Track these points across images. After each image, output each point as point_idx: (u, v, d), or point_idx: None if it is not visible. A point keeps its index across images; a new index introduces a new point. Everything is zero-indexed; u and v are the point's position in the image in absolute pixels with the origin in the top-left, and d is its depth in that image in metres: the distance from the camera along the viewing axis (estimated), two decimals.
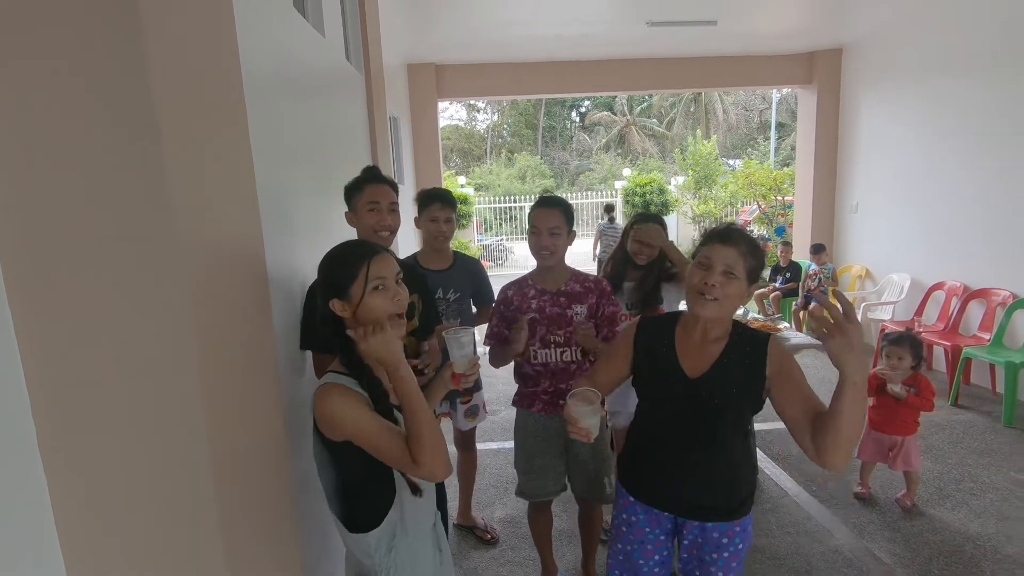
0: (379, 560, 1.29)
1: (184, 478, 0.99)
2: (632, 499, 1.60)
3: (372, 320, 1.24)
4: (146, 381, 0.95)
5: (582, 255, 12.04)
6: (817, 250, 6.24)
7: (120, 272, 0.91)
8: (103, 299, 0.91)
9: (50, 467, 0.87)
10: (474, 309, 2.70)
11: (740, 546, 1.52)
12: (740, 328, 1.50)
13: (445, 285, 2.52)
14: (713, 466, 1.48)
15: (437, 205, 2.45)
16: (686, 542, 1.56)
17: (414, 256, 2.59)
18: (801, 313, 6.17)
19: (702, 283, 1.39)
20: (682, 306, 2.27)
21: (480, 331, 2.20)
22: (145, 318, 0.93)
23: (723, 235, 1.42)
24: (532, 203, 2.18)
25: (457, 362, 1.41)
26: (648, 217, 2.72)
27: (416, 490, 1.30)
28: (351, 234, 2.02)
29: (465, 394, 2.66)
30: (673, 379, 1.48)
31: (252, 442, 1.24)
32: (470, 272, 2.63)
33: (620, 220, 11.49)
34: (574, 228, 2.13)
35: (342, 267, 1.26)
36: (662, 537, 1.59)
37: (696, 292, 1.41)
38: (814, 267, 6.23)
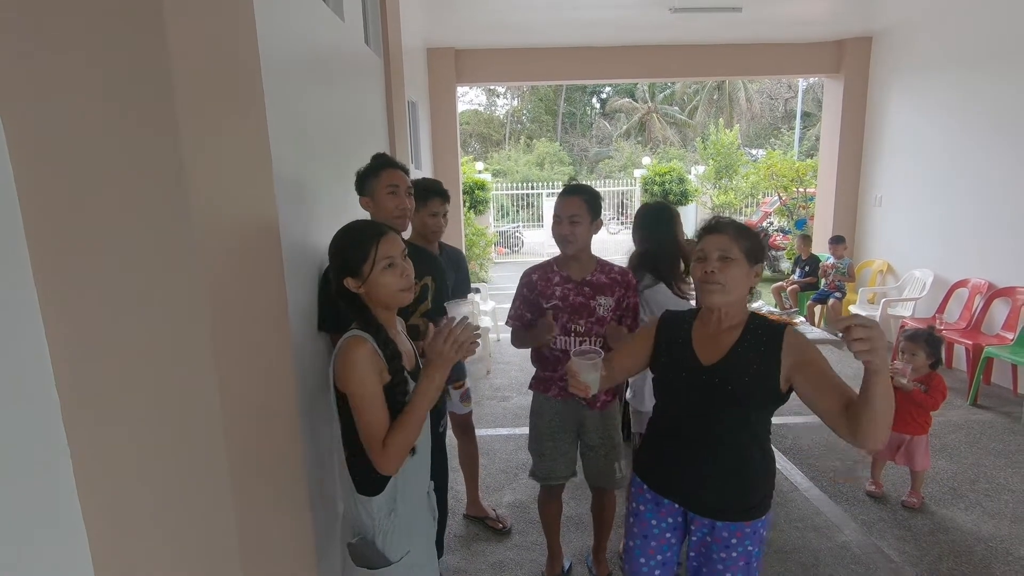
0: (380, 522, 1.40)
1: (200, 455, 1.02)
2: (644, 486, 1.61)
3: (384, 296, 1.37)
4: (164, 362, 0.97)
5: (613, 243, 11.97)
6: (836, 242, 6.11)
7: (138, 256, 0.93)
8: (122, 282, 0.94)
9: (73, 443, 0.91)
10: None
11: (751, 548, 1.50)
12: (757, 318, 1.52)
13: None
14: (726, 464, 1.48)
15: (437, 200, 2.44)
16: (694, 539, 1.55)
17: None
18: (816, 308, 6.08)
19: (703, 273, 1.46)
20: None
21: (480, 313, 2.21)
22: (163, 301, 0.95)
23: (710, 226, 1.51)
24: (550, 191, 2.17)
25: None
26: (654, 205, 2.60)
27: (413, 450, 1.40)
28: (367, 217, 2.04)
29: (456, 380, 2.71)
30: (688, 367, 1.50)
31: (267, 420, 1.28)
32: (454, 263, 2.68)
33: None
34: (600, 216, 2.11)
35: (353, 247, 1.37)
36: (667, 534, 1.58)
37: (701, 284, 1.48)
38: (831, 259, 6.13)
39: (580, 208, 2.02)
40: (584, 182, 2.33)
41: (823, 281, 6.21)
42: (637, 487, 1.63)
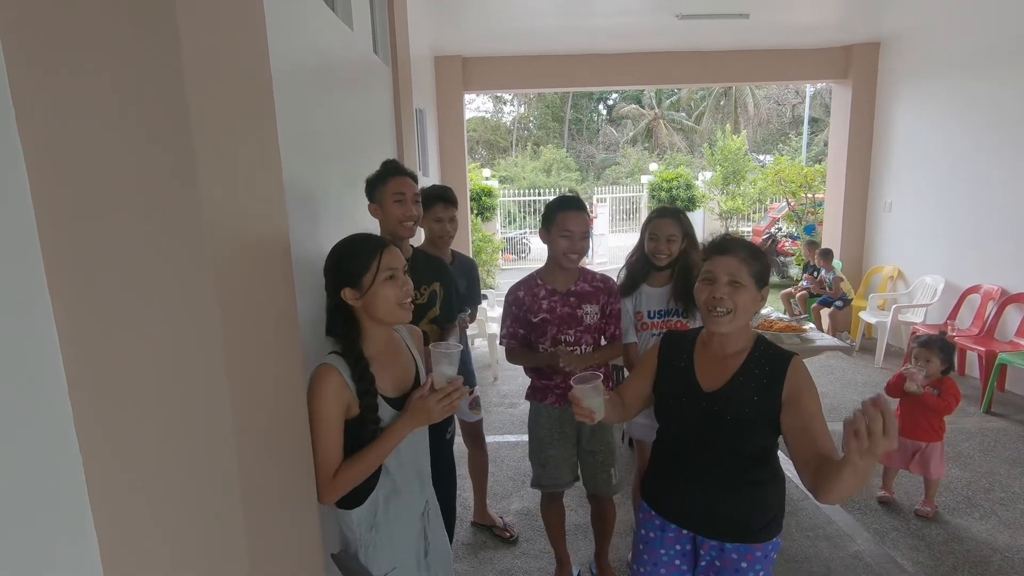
0: (360, 536, 1.39)
1: (211, 459, 1.02)
2: (652, 512, 1.56)
3: (383, 309, 1.34)
4: (176, 368, 0.98)
5: (622, 249, 11.96)
6: (824, 255, 6.17)
7: (151, 263, 0.94)
8: (134, 289, 0.94)
9: (85, 444, 0.91)
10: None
11: (762, 573, 1.45)
12: (762, 343, 1.46)
13: None
14: (731, 483, 1.43)
15: (440, 205, 2.44)
16: (703, 563, 1.49)
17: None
18: (822, 311, 6.09)
19: (710, 298, 1.38)
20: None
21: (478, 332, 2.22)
22: (175, 307, 0.96)
23: (720, 246, 1.43)
24: (554, 200, 2.15)
25: (436, 377, 1.37)
26: (664, 211, 2.41)
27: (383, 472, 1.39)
28: (376, 224, 2.05)
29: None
30: (689, 393, 1.46)
31: (276, 424, 1.28)
32: (465, 272, 2.68)
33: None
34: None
35: (355, 258, 1.35)
36: (676, 561, 1.54)
37: (707, 309, 1.40)
38: (823, 272, 6.15)
39: (587, 224, 2.10)
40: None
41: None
42: (645, 512, 1.59)
